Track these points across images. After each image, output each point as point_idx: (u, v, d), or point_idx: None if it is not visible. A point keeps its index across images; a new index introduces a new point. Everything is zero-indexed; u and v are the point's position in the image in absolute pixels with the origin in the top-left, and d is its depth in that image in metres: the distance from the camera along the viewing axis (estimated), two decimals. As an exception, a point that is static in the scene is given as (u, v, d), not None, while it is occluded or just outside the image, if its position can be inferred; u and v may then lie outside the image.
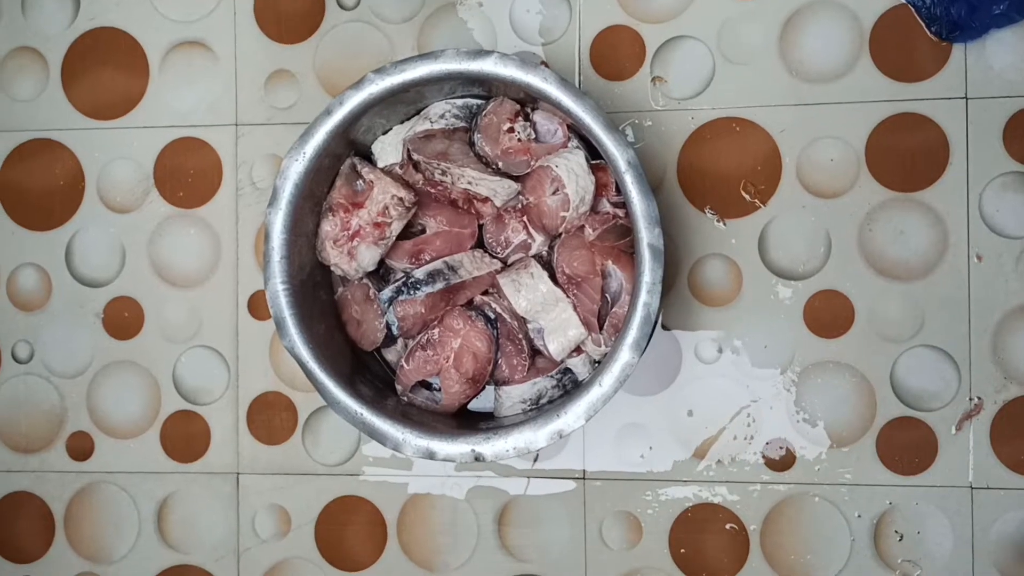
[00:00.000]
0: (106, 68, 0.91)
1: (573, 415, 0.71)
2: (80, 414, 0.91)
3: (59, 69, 0.91)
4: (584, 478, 0.84)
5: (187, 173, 0.90)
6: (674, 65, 0.84)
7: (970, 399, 0.80)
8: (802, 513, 0.82)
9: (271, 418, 0.89)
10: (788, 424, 0.82)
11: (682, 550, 0.83)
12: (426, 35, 0.86)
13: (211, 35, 0.89)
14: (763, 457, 0.82)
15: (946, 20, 0.78)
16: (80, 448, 0.91)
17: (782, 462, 0.82)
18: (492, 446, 0.72)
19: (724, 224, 0.83)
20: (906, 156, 0.81)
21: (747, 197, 0.82)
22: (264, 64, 0.89)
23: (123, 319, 0.91)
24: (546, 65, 0.85)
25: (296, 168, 0.75)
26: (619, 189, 0.77)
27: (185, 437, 0.90)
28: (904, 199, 0.81)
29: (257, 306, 0.89)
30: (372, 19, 0.87)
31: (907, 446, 0.81)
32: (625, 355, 0.71)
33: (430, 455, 0.73)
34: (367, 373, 0.81)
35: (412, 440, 0.73)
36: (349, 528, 0.88)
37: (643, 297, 0.71)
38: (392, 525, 0.87)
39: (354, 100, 0.75)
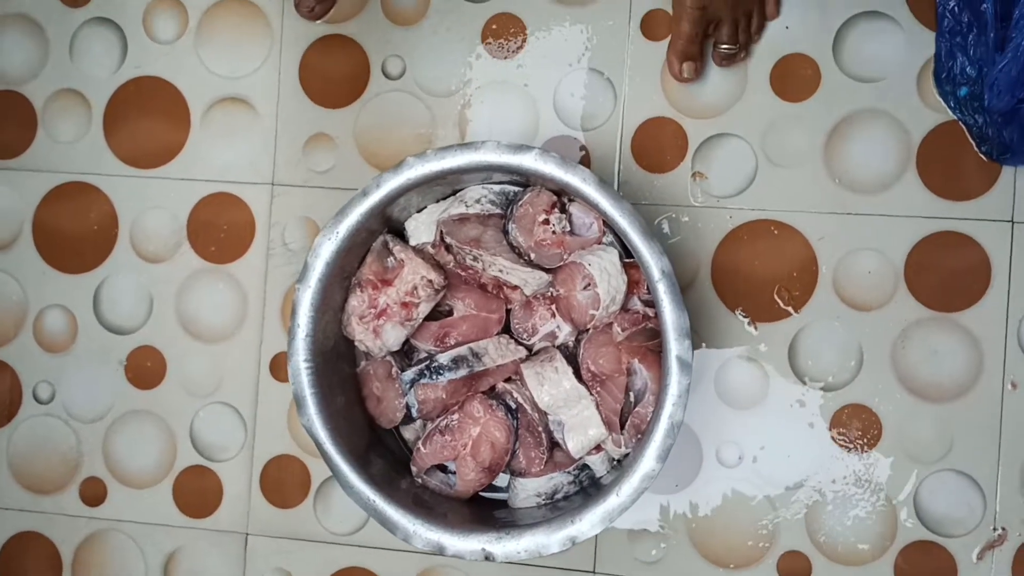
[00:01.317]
0: (148, 117, 0.91)
1: (588, 523, 0.70)
2: (96, 460, 0.91)
3: (102, 114, 0.92)
4: (594, 572, 0.83)
5: (220, 228, 0.90)
6: (716, 162, 0.83)
7: (994, 528, 0.78)
8: (813, 629, 0.80)
9: (284, 481, 0.88)
10: (805, 537, 0.80)
11: (688, 655, 0.82)
12: (468, 111, 0.86)
13: (255, 93, 0.89)
14: (778, 568, 0.81)
15: (997, 142, 0.77)
16: (93, 494, 0.91)
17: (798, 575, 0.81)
18: (503, 546, 0.71)
19: (755, 329, 0.81)
20: (946, 275, 0.79)
21: (780, 303, 0.81)
22: (305, 126, 0.89)
23: (145, 368, 0.91)
24: (585, 151, 0.84)
25: (328, 247, 0.75)
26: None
27: (198, 492, 0.90)
28: (941, 319, 0.79)
29: (279, 368, 0.89)
30: (415, 90, 0.87)
31: (926, 571, 0.79)
32: (647, 465, 0.70)
33: (440, 550, 0.72)
34: (382, 448, 0.81)
35: (423, 533, 0.72)
36: (354, 600, 0.87)
37: (668, 409, 0.70)
38: (397, 601, 0.86)
39: (392, 183, 0.74)
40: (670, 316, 0.70)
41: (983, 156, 0.79)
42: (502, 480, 0.81)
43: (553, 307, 0.78)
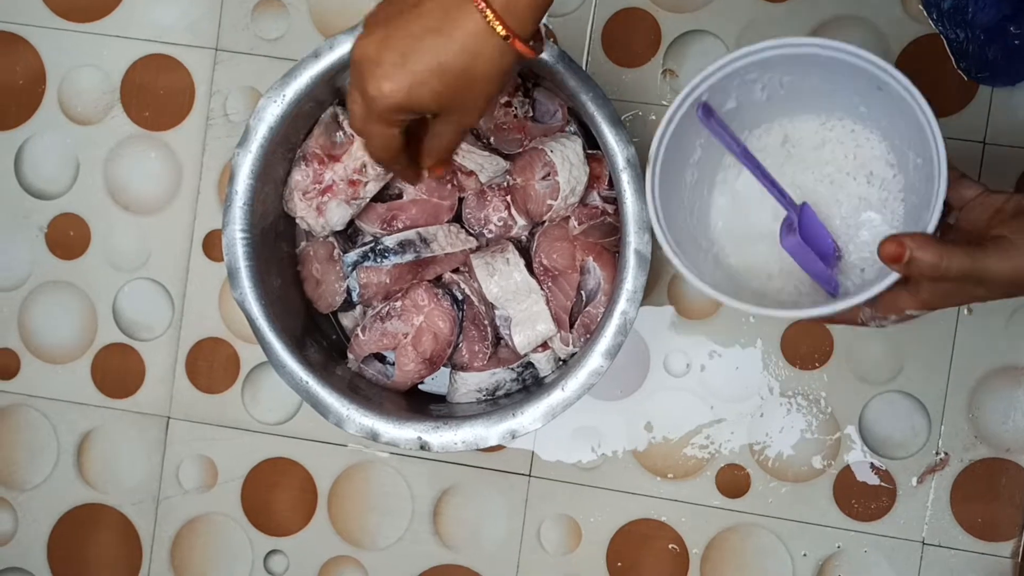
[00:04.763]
0: (85, -35, 0.85)
1: (530, 417, 0.68)
2: (9, 330, 0.86)
3: (32, -41, 0.85)
4: (530, 475, 0.81)
5: (157, 93, 0.84)
6: (689, 60, 0.79)
7: (936, 453, 0.78)
8: (747, 543, 0.79)
9: (212, 365, 0.84)
10: (747, 451, 0.79)
11: (619, 563, 0.80)
12: (432, -14, 0.81)
13: (202, -52, 0.83)
14: (716, 481, 0.79)
15: (977, 59, 0.75)
16: (5, 366, 0.86)
17: (735, 488, 0.79)
18: (440, 436, 0.68)
19: (715, 235, 0.79)
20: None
21: (743, 211, 0.78)
22: (255, -12, 0.83)
23: (68, 237, 0.85)
24: (553, 38, 0.80)
25: (273, 110, 0.70)
26: (612, 184, 0.73)
27: (118, 371, 0.85)
28: (903, 238, 0.77)
29: (212, 246, 0.84)
30: (377, -41, 0.81)
31: (865, 491, 0.78)
32: (595, 361, 0.67)
33: (373, 436, 0.69)
34: (318, 334, 0.77)
35: (356, 418, 0.69)
36: (278, 491, 0.84)
37: (622, 305, 0.67)
38: (324, 494, 0.83)
39: (346, 46, 0.69)
40: (632, 208, 0.67)
41: (961, 73, 0.76)
42: (442, 381, 0.78)
43: (508, 198, 0.75)
